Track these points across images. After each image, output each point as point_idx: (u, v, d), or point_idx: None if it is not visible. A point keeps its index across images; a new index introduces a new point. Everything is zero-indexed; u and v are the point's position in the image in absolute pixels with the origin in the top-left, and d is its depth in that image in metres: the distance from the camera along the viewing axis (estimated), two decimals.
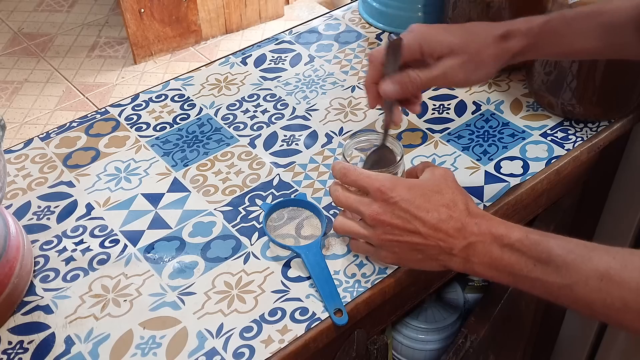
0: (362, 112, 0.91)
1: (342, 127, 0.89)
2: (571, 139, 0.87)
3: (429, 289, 0.84)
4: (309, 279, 0.70)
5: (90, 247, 0.73)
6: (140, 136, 0.88)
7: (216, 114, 0.91)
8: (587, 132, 0.88)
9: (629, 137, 1.01)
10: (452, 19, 0.96)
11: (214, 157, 0.85)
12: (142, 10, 2.52)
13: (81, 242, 0.74)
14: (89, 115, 0.92)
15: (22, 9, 2.98)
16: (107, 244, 0.74)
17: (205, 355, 0.63)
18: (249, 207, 0.78)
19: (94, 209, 0.78)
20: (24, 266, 0.67)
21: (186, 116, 0.91)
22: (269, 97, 0.94)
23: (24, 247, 0.69)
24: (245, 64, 1.01)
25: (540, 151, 0.85)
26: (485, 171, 0.82)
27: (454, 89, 0.95)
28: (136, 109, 0.93)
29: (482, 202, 0.78)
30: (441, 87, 0.93)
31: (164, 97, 0.95)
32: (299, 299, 0.68)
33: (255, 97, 0.95)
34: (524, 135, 0.87)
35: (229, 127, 0.89)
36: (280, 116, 0.91)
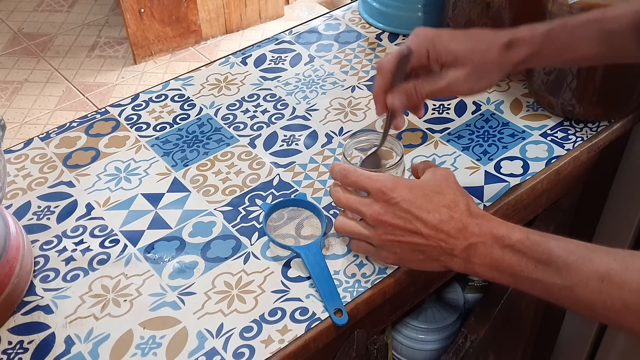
0: (362, 112, 0.91)
1: (342, 127, 0.89)
2: (571, 139, 0.87)
3: (429, 289, 0.84)
4: (309, 279, 0.70)
5: (90, 247, 0.73)
6: (140, 136, 0.88)
7: (216, 114, 0.91)
8: (587, 132, 0.88)
9: (629, 137, 1.01)
10: (452, 19, 0.96)
11: (214, 157, 0.85)
12: (142, 10, 2.52)
13: (81, 242, 0.74)
14: (89, 115, 0.92)
15: (22, 9, 2.98)
16: (107, 244, 0.74)
17: (205, 355, 0.63)
18: (249, 207, 0.78)
19: (94, 209, 0.78)
20: (24, 266, 0.67)
21: (186, 116, 0.91)
22: (269, 97, 0.94)
23: (24, 247, 0.69)
24: (245, 64, 1.01)
25: (540, 151, 0.85)
26: (485, 171, 0.82)
27: None
28: (136, 109, 0.93)
29: (482, 202, 0.78)
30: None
31: (164, 97, 0.95)
32: (299, 299, 0.68)
33: (255, 97, 0.95)
34: (524, 135, 0.87)
35: (229, 127, 0.89)
36: (280, 116, 0.91)
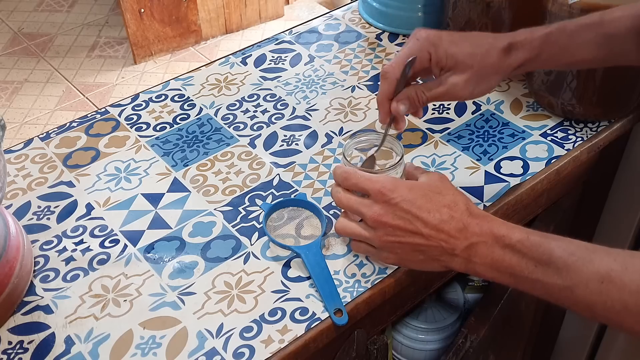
0: (362, 112, 0.91)
1: (342, 127, 0.89)
2: (571, 139, 0.87)
3: (429, 289, 0.84)
4: (309, 279, 0.70)
5: (90, 247, 0.73)
6: (140, 136, 0.88)
7: (216, 114, 0.91)
8: (587, 132, 0.88)
9: (629, 137, 1.01)
10: (452, 19, 0.96)
11: (214, 157, 0.85)
12: (142, 10, 2.52)
13: (81, 242, 0.74)
14: (89, 115, 0.92)
15: (22, 9, 2.98)
16: (107, 244, 0.74)
17: (205, 355, 0.63)
18: (249, 207, 0.78)
19: (94, 209, 0.78)
20: (24, 266, 0.67)
21: (186, 116, 0.91)
22: (269, 97, 0.94)
23: (24, 247, 0.69)
24: (245, 64, 1.01)
25: (540, 151, 0.85)
26: (485, 171, 0.82)
27: None
28: (136, 109, 0.93)
29: (482, 202, 0.78)
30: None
31: (164, 97, 0.95)
32: (299, 299, 0.68)
33: (255, 97, 0.95)
34: (524, 135, 0.87)
35: (229, 127, 0.89)
36: (280, 116, 0.91)
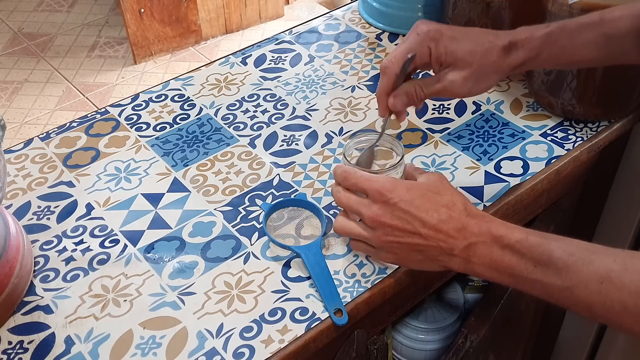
0: (362, 112, 0.91)
1: (342, 127, 0.89)
2: (571, 139, 0.87)
3: (429, 289, 0.84)
4: (309, 279, 0.70)
5: (90, 247, 0.73)
6: (140, 136, 0.88)
7: (216, 114, 0.91)
8: (587, 132, 0.88)
9: (629, 137, 1.01)
10: (452, 19, 0.96)
11: (214, 157, 0.85)
12: (142, 10, 2.52)
13: (81, 242, 0.74)
14: (89, 115, 0.92)
15: (22, 9, 2.98)
16: (107, 244, 0.74)
17: (205, 355, 0.63)
18: (249, 207, 0.78)
19: (94, 209, 0.78)
20: (24, 266, 0.67)
21: (186, 116, 0.91)
22: (269, 97, 0.94)
23: (24, 247, 0.69)
24: (245, 64, 1.01)
25: (540, 151, 0.85)
26: (485, 171, 0.82)
27: None
28: (136, 109, 0.93)
29: (482, 202, 0.78)
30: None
31: (164, 97, 0.95)
32: (299, 299, 0.68)
33: (255, 97, 0.95)
34: (524, 135, 0.87)
35: (229, 127, 0.89)
36: (280, 116, 0.91)
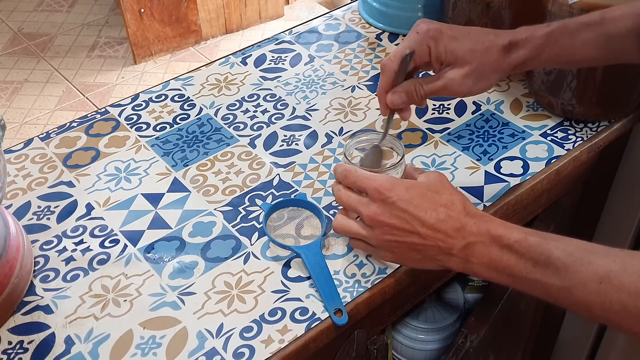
0: (362, 112, 0.91)
1: (342, 127, 0.89)
2: (571, 139, 0.87)
3: (429, 289, 0.84)
4: (309, 279, 0.70)
5: (90, 247, 0.73)
6: (140, 136, 0.88)
7: (216, 114, 0.91)
8: (587, 132, 0.88)
9: (629, 137, 1.01)
10: (452, 19, 0.96)
11: (214, 157, 0.85)
12: (142, 10, 2.52)
13: (81, 242, 0.74)
14: (89, 115, 0.92)
15: (22, 9, 2.98)
16: (107, 244, 0.74)
17: (205, 355, 0.63)
18: (249, 207, 0.78)
19: (94, 209, 0.78)
20: (24, 266, 0.67)
21: (186, 116, 0.91)
22: (269, 97, 0.94)
23: (24, 247, 0.69)
24: (245, 64, 1.01)
25: (540, 151, 0.85)
26: (485, 171, 0.82)
27: None
28: (136, 109, 0.93)
29: (482, 202, 0.78)
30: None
31: (164, 97, 0.95)
32: (299, 299, 0.68)
33: (255, 97, 0.95)
34: (524, 135, 0.87)
35: (229, 127, 0.89)
36: (280, 116, 0.91)
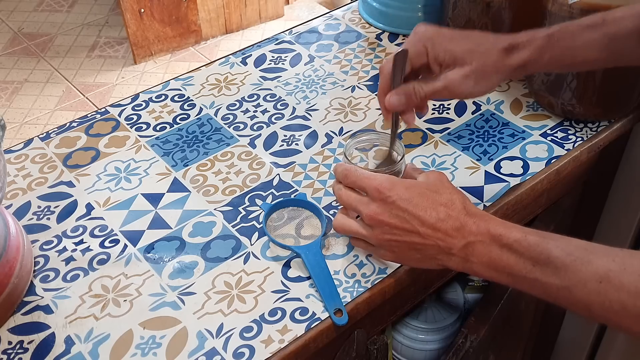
0: (362, 112, 0.91)
1: (342, 127, 0.89)
2: (571, 139, 0.87)
3: (429, 289, 0.84)
4: (309, 279, 0.70)
5: (90, 247, 0.73)
6: (140, 136, 0.88)
7: (216, 114, 0.91)
8: (587, 132, 0.88)
9: (629, 137, 1.01)
10: (452, 19, 0.96)
11: (214, 157, 0.85)
12: (142, 10, 2.52)
13: (81, 242, 0.74)
14: (89, 115, 0.92)
15: (22, 9, 2.98)
16: (107, 244, 0.74)
17: (205, 355, 0.63)
18: (249, 207, 0.78)
19: (94, 209, 0.78)
20: (24, 266, 0.67)
21: (186, 116, 0.91)
22: (269, 97, 0.94)
23: (24, 247, 0.69)
24: (245, 64, 1.01)
25: (540, 151, 0.85)
26: (485, 171, 0.82)
27: None
28: (136, 109, 0.93)
29: (482, 202, 0.78)
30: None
31: (164, 97, 0.95)
32: (299, 299, 0.68)
33: (255, 97, 0.95)
34: (524, 135, 0.87)
35: (229, 127, 0.89)
36: (280, 116, 0.91)
